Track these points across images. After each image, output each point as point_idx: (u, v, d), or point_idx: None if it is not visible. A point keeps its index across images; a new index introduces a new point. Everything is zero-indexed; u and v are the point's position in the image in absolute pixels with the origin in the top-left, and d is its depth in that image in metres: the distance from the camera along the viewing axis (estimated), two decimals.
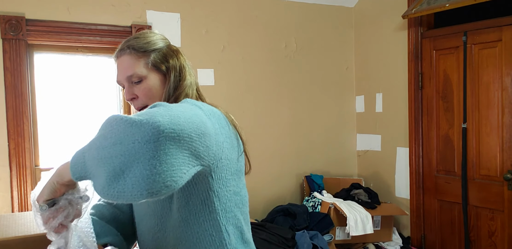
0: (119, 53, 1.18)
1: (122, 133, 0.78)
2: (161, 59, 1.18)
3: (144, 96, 1.16)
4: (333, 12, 3.63)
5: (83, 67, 2.77)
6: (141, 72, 1.15)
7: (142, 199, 0.77)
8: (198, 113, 0.94)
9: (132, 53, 1.16)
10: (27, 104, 2.46)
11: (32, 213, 0.94)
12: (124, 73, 1.16)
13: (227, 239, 1.07)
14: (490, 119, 2.78)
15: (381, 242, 3.06)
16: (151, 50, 1.17)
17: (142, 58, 1.16)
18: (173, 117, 0.81)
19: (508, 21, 2.67)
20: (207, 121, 0.94)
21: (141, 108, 1.17)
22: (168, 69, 1.17)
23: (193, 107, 0.98)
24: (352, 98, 3.75)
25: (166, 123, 0.78)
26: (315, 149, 3.57)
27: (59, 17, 2.58)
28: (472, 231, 2.90)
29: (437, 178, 3.12)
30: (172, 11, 2.93)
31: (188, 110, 0.90)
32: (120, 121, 0.79)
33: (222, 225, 1.06)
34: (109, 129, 0.81)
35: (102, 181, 0.79)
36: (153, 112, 0.81)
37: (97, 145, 0.81)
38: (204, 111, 0.99)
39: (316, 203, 3.07)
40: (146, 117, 0.78)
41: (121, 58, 1.17)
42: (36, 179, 2.52)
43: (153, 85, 1.16)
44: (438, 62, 3.07)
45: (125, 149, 0.77)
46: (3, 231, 1.35)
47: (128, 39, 1.19)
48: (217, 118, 1.03)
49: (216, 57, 3.10)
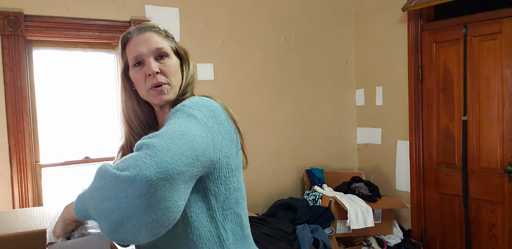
0: (140, 30, 1.16)
1: (114, 189, 0.82)
2: (178, 48, 1.22)
3: (170, 72, 1.14)
4: (332, 6, 3.61)
5: (82, 62, 2.76)
6: (168, 50, 1.16)
7: (147, 241, 0.86)
8: (190, 129, 0.94)
9: (159, 32, 1.17)
10: (26, 101, 2.46)
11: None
12: (153, 45, 1.14)
13: (224, 235, 1.07)
14: (491, 112, 2.78)
15: (382, 235, 3.07)
16: (171, 36, 1.21)
17: (166, 40, 1.18)
18: (160, 163, 0.83)
19: (508, 13, 2.65)
20: (202, 132, 0.96)
21: (162, 84, 1.12)
22: (187, 57, 1.22)
23: (187, 121, 0.97)
24: (352, 92, 3.74)
25: (154, 174, 0.81)
26: (316, 142, 3.57)
27: (57, 12, 2.57)
28: (473, 224, 2.91)
29: (437, 171, 3.12)
30: (171, 6, 2.91)
31: (178, 133, 0.91)
32: (110, 178, 0.83)
33: (219, 222, 1.06)
34: (102, 183, 0.85)
35: (106, 229, 0.85)
36: (140, 163, 0.83)
37: (94, 197, 0.87)
38: (200, 120, 0.98)
39: (316, 197, 3.08)
40: (134, 173, 0.81)
41: (145, 34, 1.15)
42: (37, 175, 2.53)
43: (176, 65, 1.17)
44: (438, 54, 3.06)
45: (119, 203, 0.82)
46: (5, 227, 1.35)
47: (146, 23, 1.20)
48: (216, 118, 1.03)
49: (215, 51, 3.09)
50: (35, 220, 1.44)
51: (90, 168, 2.75)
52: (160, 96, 1.13)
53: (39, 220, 1.43)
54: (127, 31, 1.18)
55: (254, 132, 3.23)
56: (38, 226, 1.37)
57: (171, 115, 1.02)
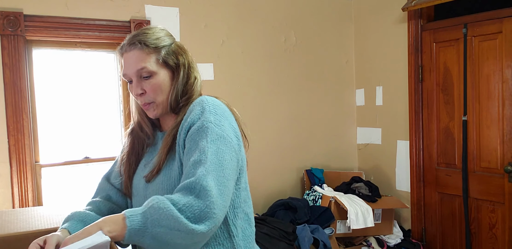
0: (129, 47, 1.17)
1: (189, 239, 0.92)
2: (171, 56, 1.19)
3: (153, 92, 1.17)
4: (332, 5, 3.61)
5: (82, 62, 2.76)
6: (152, 68, 1.15)
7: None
8: (225, 156, 1.04)
9: (143, 48, 1.16)
10: (26, 101, 2.45)
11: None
12: (134, 66, 1.16)
13: (234, 232, 1.13)
14: (491, 112, 2.78)
15: (382, 235, 3.07)
16: (161, 46, 1.18)
17: (153, 54, 1.16)
18: (222, 210, 0.96)
19: (508, 13, 2.65)
20: (232, 151, 1.06)
21: (147, 104, 1.18)
22: (178, 66, 1.19)
23: (219, 145, 1.04)
24: (352, 92, 3.74)
25: (220, 222, 0.96)
26: (316, 142, 3.57)
27: (57, 12, 2.56)
28: (473, 224, 2.91)
29: (437, 171, 3.12)
30: (171, 6, 2.91)
31: (219, 168, 1.01)
32: (186, 230, 0.90)
33: (230, 220, 1.12)
34: (177, 233, 0.90)
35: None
36: (211, 215, 0.93)
37: (162, 238, 0.91)
38: (226, 138, 1.07)
39: (316, 197, 3.08)
40: (209, 227, 0.92)
41: (131, 52, 1.17)
42: (37, 175, 2.53)
43: (163, 82, 1.17)
44: (438, 54, 3.06)
45: (187, 245, 0.94)
46: (5, 227, 1.35)
47: (137, 34, 1.19)
48: (232, 126, 1.11)
49: (215, 51, 3.09)
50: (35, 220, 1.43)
51: (90, 168, 2.75)
52: (150, 113, 1.20)
53: (39, 220, 1.43)
54: (122, 44, 1.20)
55: (254, 131, 3.23)
56: (38, 226, 1.37)
57: (200, 130, 1.05)
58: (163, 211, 0.90)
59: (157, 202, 0.92)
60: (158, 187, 1.12)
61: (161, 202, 0.91)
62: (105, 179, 1.34)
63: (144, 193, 1.18)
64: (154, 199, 0.93)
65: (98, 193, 1.32)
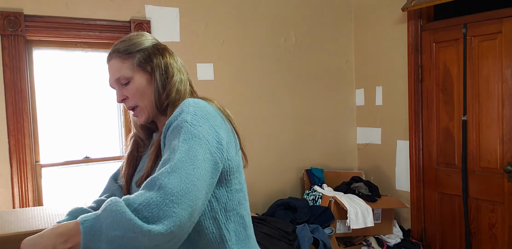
0: (108, 57, 1.22)
1: (147, 242, 0.85)
2: (146, 59, 1.19)
3: (133, 96, 1.19)
4: (332, 5, 3.61)
5: (82, 62, 2.76)
6: (127, 74, 1.18)
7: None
8: (198, 155, 0.97)
9: (118, 57, 1.19)
10: (26, 101, 2.46)
11: None
12: (112, 76, 1.20)
13: (227, 236, 1.09)
14: (490, 112, 2.78)
15: (382, 235, 3.08)
16: (135, 51, 1.19)
17: (128, 60, 1.18)
18: (185, 209, 0.88)
19: (508, 13, 2.65)
20: (207, 152, 0.99)
21: (132, 107, 1.20)
22: (153, 69, 1.19)
23: (192, 144, 0.99)
24: (352, 92, 3.74)
25: (185, 221, 0.88)
26: (315, 142, 3.57)
27: (57, 12, 2.57)
28: (473, 223, 2.91)
29: (437, 171, 3.12)
30: (171, 6, 2.91)
31: (190, 166, 0.94)
32: (142, 232, 0.84)
33: (222, 223, 1.09)
34: (131, 235, 0.85)
35: None
36: (169, 213, 0.86)
37: (116, 243, 0.87)
38: (203, 138, 1.00)
39: (316, 197, 3.08)
40: (168, 226, 0.85)
41: (110, 63, 1.21)
42: (37, 175, 2.53)
43: (140, 86, 1.18)
44: (438, 54, 3.06)
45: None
46: (5, 227, 1.35)
47: (116, 43, 1.22)
48: (214, 127, 1.06)
49: (215, 51, 3.09)
50: (35, 219, 1.44)
51: (90, 167, 2.75)
52: (139, 119, 1.22)
53: (39, 220, 1.43)
54: (107, 54, 1.23)
55: (254, 131, 3.23)
56: (38, 225, 1.37)
57: (174, 130, 1.02)
58: (115, 213, 0.86)
59: (110, 204, 0.88)
60: None
61: (114, 204, 0.88)
62: (112, 178, 1.35)
63: None
64: (108, 202, 0.90)
65: (105, 192, 1.33)
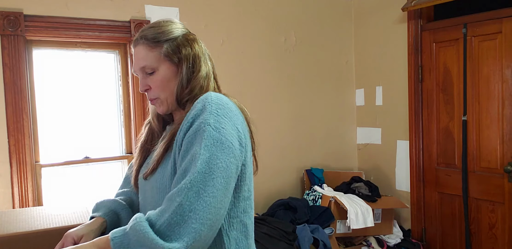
0: (135, 42, 1.17)
1: None
2: (174, 49, 1.14)
3: (157, 88, 1.15)
4: (332, 5, 3.61)
5: (82, 62, 2.76)
6: (153, 64, 1.13)
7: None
8: (219, 164, 0.97)
9: (145, 44, 1.14)
10: (26, 101, 2.46)
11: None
12: (137, 64, 1.15)
13: (226, 243, 1.07)
14: (490, 112, 2.78)
15: (382, 235, 3.07)
16: (164, 40, 1.14)
17: (155, 49, 1.13)
18: (205, 224, 0.93)
19: (508, 13, 2.65)
20: (230, 157, 1.00)
21: (152, 100, 1.17)
22: (180, 60, 1.14)
23: (214, 150, 0.98)
24: (352, 92, 3.74)
25: (204, 236, 0.94)
26: (316, 142, 3.57)
27: (57, 12, 2.56)
28: (473, 224, 2.91)
29: (437, 171, 3.12)
30: (171, 6, 2.91)
31: (209, 177, 0.95)
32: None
33: (223, 230, 1.06)
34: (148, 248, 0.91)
35: None
36: (189, 230, 0.91)
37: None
38: (225, 142, 1.00)
39: (316, 197, 3.08)
40: (188, 244, 0.91)
41: (136, 48, 1.16)
42: (37, 175, 2.53)
43: (165, 77, 1.14)
44: (438, 54, 3.06)
45: None
46: (5, 227, 1.35)
47: (144, 29, 1.18)
48: (238, 130, 1.07)
49: (215, 51, 3.08)
50: (35, 220, 1.43)
51: (90, 167, 2.75)
52: (157, 109, 1.20)
53: (39, 220, 1.43)
54: (134, 38, 1.19)
55: (254, 131, 3.23)
56: (38, 226, 1.37)
57: (196, 134, 1.01)
58: (139, 233, 0.91)
59: (134, 223, 0.94)
60: (153, 185, 1.11)
61: (138, 223, 0.93)
62: (130, 166, 1.35)
63: (144, 188, 1.19)
64: (133, 220, 0.95)
65: (127, 184, 1.36)
